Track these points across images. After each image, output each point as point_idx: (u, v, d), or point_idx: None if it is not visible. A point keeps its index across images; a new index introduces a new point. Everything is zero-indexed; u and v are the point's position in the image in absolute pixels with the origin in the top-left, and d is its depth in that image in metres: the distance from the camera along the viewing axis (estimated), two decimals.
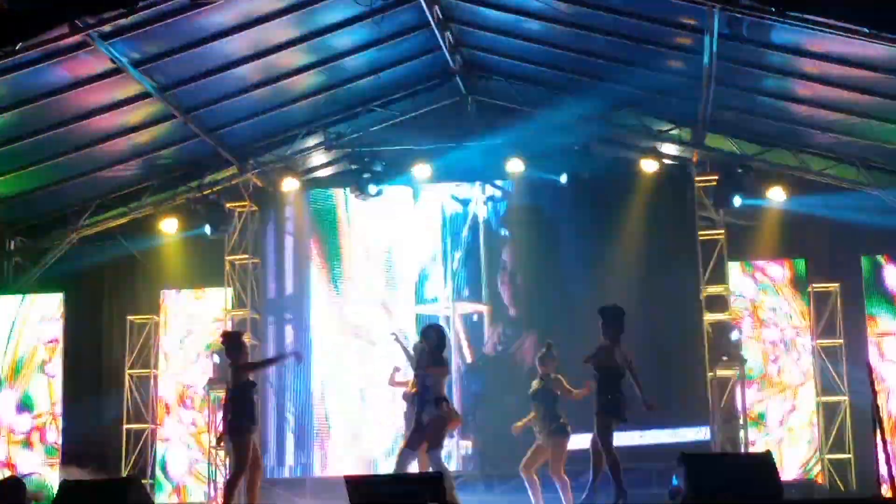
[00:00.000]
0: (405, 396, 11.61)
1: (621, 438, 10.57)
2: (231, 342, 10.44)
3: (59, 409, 14.68)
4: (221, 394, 11.69)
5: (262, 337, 15.01)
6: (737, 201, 13.97)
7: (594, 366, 10.13)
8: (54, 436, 14.64)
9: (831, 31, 10.33)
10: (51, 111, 12.26)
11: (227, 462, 13.49)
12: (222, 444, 11.67)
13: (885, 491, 9.08)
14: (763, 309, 14.43)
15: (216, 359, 14.02)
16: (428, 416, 10.15)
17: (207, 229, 14.54)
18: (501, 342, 14.86)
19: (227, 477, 10.25)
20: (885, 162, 13.76)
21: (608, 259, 14.53)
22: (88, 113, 12.52)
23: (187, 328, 15.12)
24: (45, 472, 14.48)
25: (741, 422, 13.89)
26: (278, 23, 11.80)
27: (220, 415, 12.21)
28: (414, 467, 10.24)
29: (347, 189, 14.90)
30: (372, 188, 14.53)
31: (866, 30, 10.03)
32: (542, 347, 11.24)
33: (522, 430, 11.06)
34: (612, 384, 10.04)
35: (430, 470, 9.96)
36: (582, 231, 14.69)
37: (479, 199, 15.11)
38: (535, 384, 11.01)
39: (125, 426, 14.64)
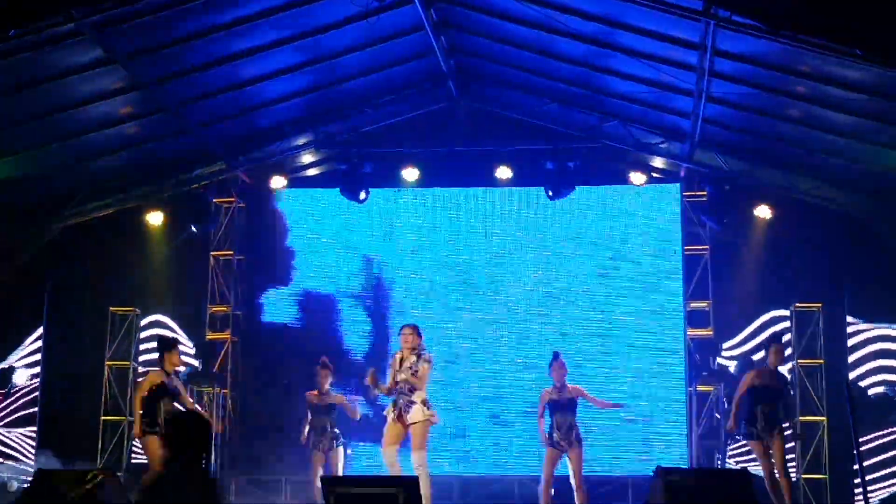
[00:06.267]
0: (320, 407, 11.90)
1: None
2: (158, 345, 10.88)
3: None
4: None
5: (241, 334, 14.97)
6: (723, 217, 14.00)
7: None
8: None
9: (822, 51, 10.37)
10: (40, 99, 12.18)
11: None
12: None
13: None
14: None
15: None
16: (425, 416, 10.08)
17: (192, 224, 14.47)
18: None
19: None
20: (873, 186, 13.77)
21: (592, 270, 14.53)
22: (78, 102, 12.46)
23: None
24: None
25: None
26: (272, 20, 11.77)
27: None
28: None
29: (335, 189, 14.83)
30: (360, 190, 14.48)
31: (858, 52, 10.05)
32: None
33: None
34: None
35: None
36: (567, 241, 14.68)
37: (464, 205, 15.07)
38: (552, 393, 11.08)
39: (102, 418, 14.56)
